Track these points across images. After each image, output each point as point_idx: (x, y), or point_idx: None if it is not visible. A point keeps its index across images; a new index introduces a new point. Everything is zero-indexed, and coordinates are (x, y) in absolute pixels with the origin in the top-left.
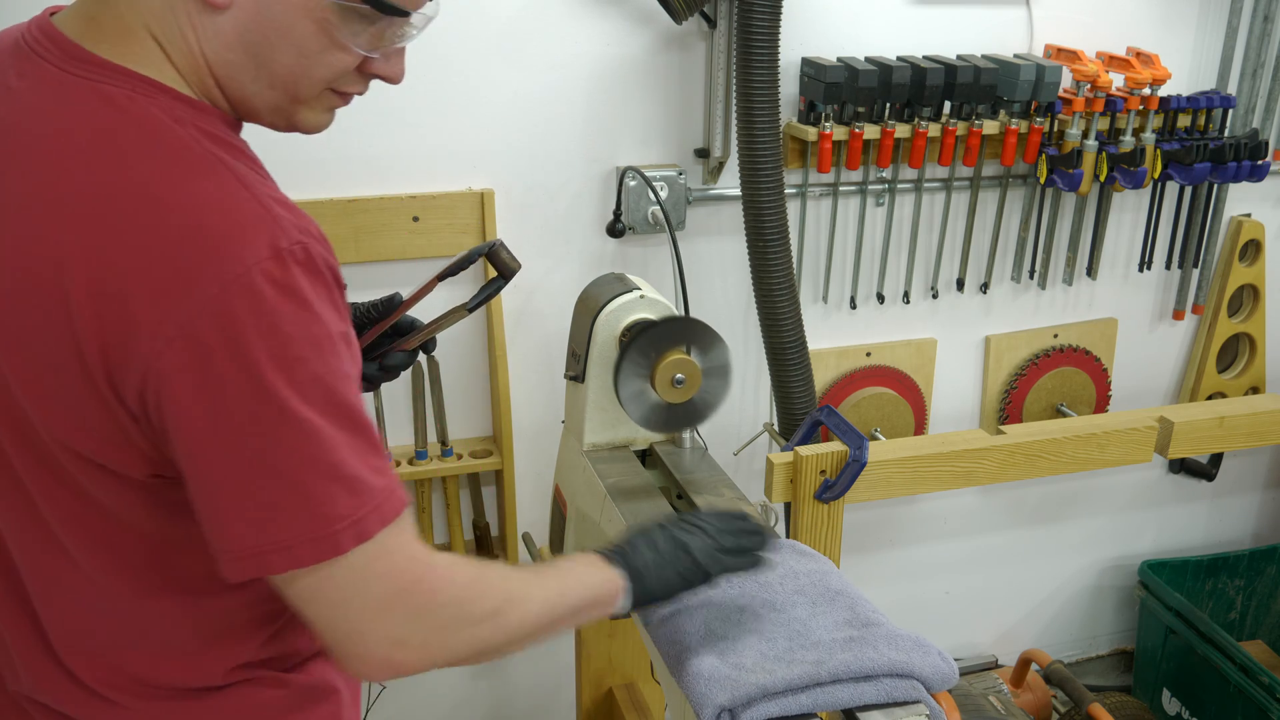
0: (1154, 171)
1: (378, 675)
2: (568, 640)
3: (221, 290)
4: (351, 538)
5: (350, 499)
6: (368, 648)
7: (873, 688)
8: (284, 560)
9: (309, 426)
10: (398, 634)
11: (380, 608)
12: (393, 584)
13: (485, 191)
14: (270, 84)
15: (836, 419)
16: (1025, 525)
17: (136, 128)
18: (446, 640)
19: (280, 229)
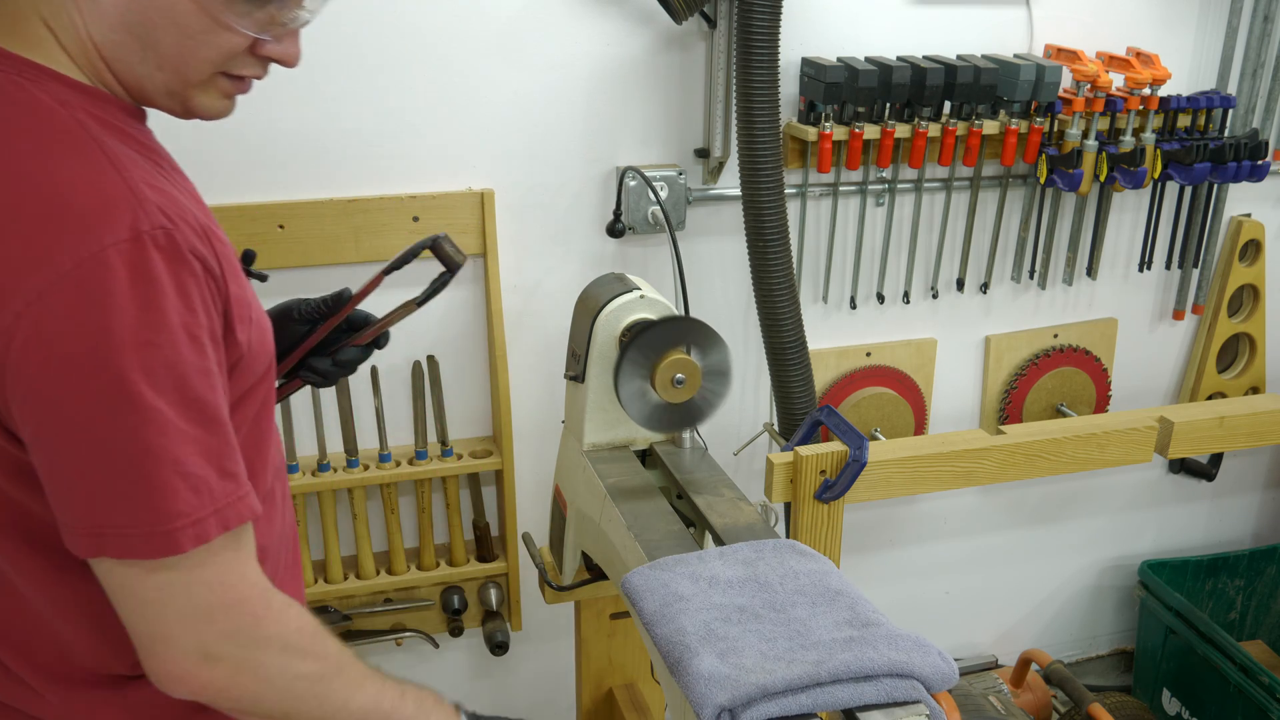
0: (1154, 171)
1: (181, 689)
2: (568, 640)
3: (75, 266)
4: (191, 538)
5: (192, 496)
6: (175, 656)
7: (873, 688)
8: (119, 546)
9: (154, 415)
10: (210, 647)
11: (197, 616)
12: (218, 596)
13: (485, 191)
14: (159, 65)
15: (836, 419)
16: (1025, 525)
17: (17, 110)
18: (262, 671)
19: (144, 212)
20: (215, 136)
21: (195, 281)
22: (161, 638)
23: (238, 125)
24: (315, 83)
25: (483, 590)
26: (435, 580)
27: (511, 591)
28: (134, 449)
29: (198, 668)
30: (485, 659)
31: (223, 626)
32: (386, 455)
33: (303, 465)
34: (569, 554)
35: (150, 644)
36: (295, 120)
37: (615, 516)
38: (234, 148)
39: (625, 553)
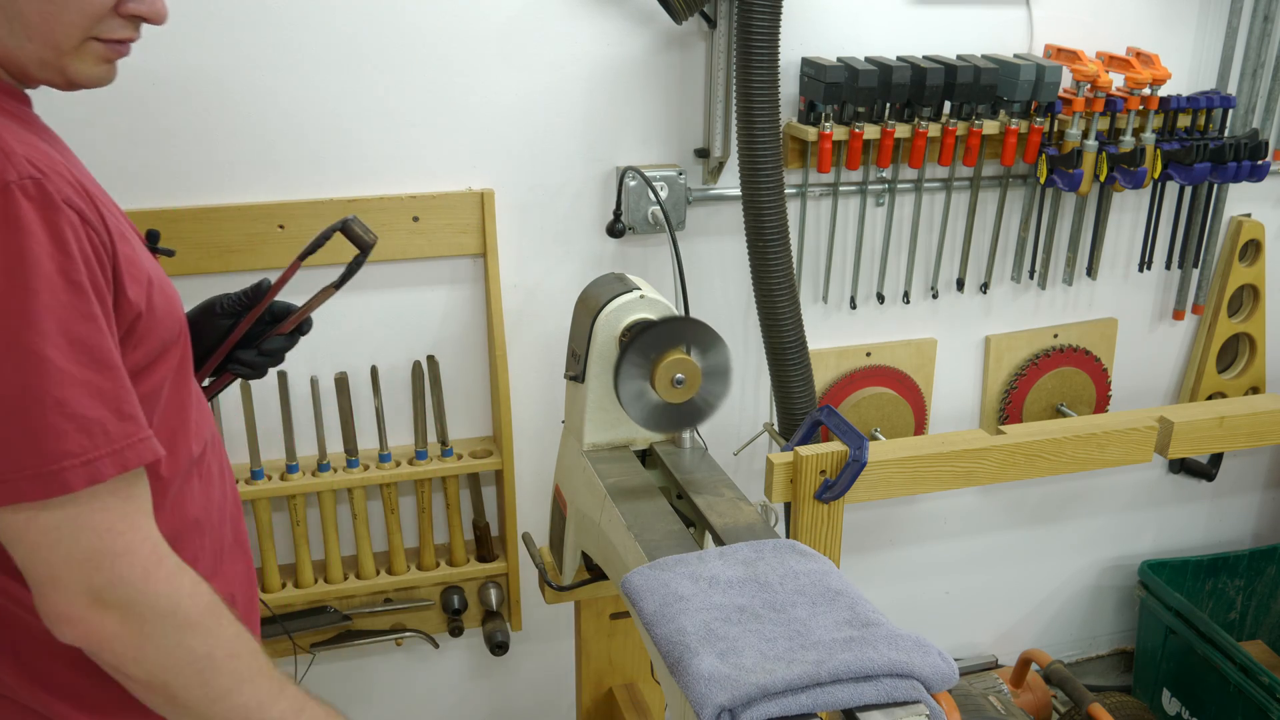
0: (1154, 171)
1: (70, 631)
2: (568, 640)
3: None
4: (83, 478)
5: (82, 438)
6: (64, 598)
7: (873, 688)
8: (5, 492)
9: (35, 359)
10: (98, 591)
11: (85, 560)
12: (106, 543)
13: (485, 191)
14: (28, 36)
15: (836, 419)
16: (1025, 525)
17: None
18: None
19: (11, 164)
20: (216, 136)
21: (72, 229)
22: (50, 580)
23: (238, 125)
24: (315, 83)
25: (483, 590)
26: (435, 580)
27: (511, 591)
28: (14, 394)
29: (87, 611)
30: (485, 659)
31: (109, 574)
32: (386, 455)
33: (303, 465)
34: (569, 554)
35: (40, 587)
36: (295, 120)
37: (615, 516)
38: (234, 148)
39: (625, 553)
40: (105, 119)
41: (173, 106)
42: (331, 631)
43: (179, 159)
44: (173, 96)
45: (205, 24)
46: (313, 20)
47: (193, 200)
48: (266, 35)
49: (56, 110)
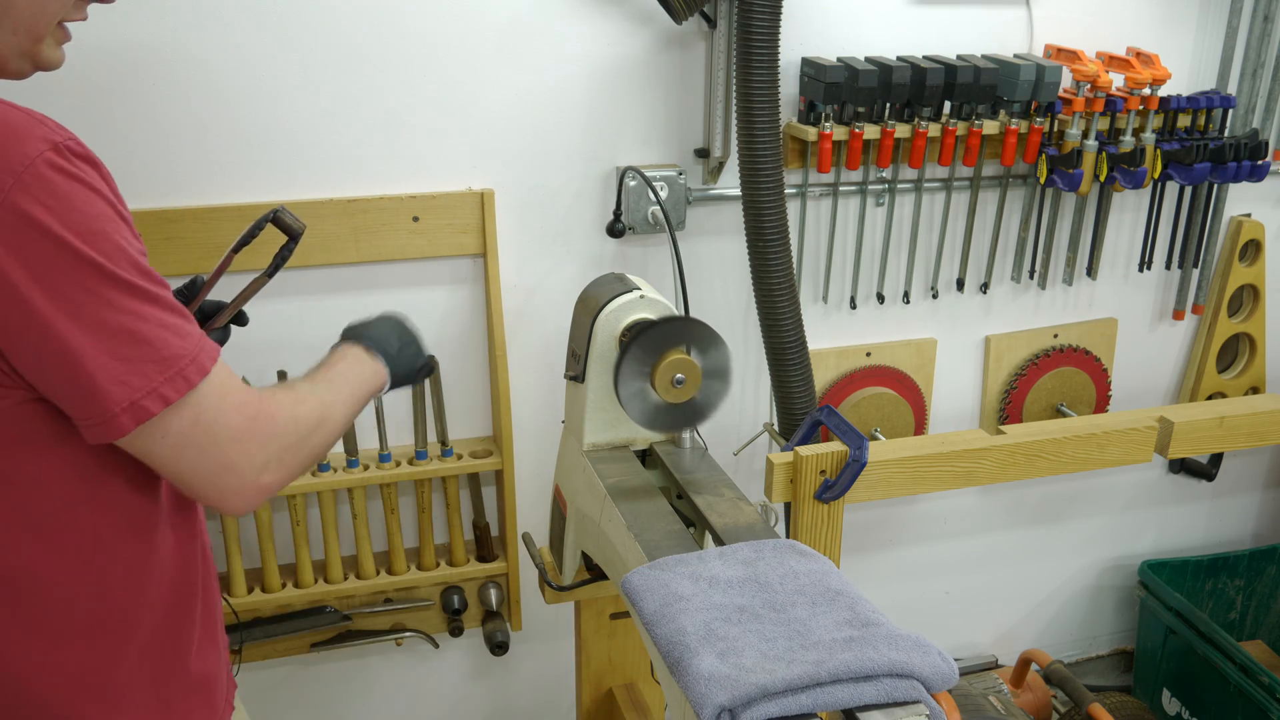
0: (1154, 171)
1: (253, 502)
2: (568, 640)
3: (16, 181)
4: (196, 371)
5: (180, 341)
6: (243, 477)
7: (873, 688)
8: (156, 401)
9: (127, 285)
10: (262, 458)
11: (241, 437)
12: (244, 414)
13: (485, 191)
14: (13, 30)
15: (836, 419)
16: (1025, 525)
17: None
18: (296, 455)
19: (49, 129)
20: (215, 136)
21: (106, 179)
22: (226, 468)
23: (238, 125)
24: (315, 83)
25: (483, 590)
26: (435, 580)
27: (511, 591)
28: (128, 318)
29: (260, 477)
30: (485, 659)
31: (260, 438)
32: (386, 455)
33: None
34: (569, 554)
35: (220, 477)
36: (295, 120)
37: (615, 516)
38: (235, 148)
39: (625, 553)
40: (105, 119)
41: (172, 106)
42: (331, 631)
43: (179, 159)
44: (172, 96)
45: (205, 24)
46: (313, 20)
47: (192, 200)
48: (267, 35)
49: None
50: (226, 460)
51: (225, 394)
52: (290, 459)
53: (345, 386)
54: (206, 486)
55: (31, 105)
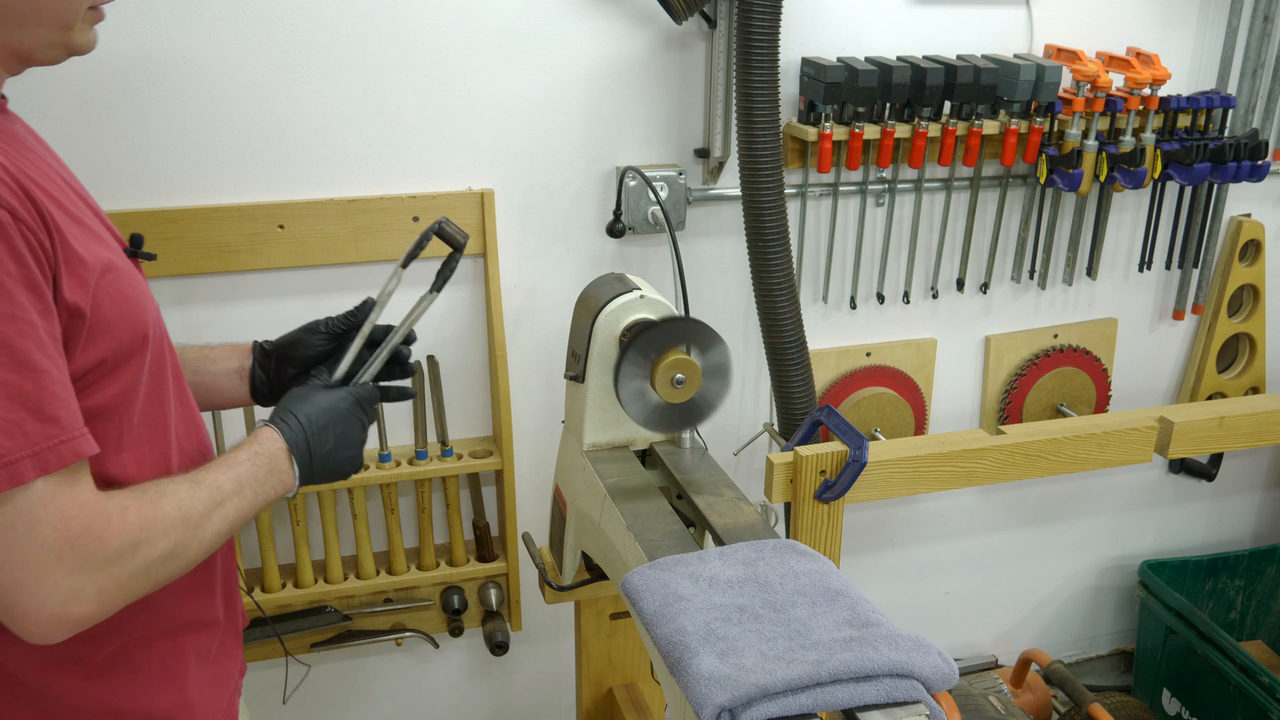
0: (1154, 171)
1: (52, 634)
2: (568, 640)
3: None
4: (3, 479)
5: (4, 439)
6: (40, 603)
7: (873, 688)
8: None
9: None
10: (70, 586)
11: (47, 556)
12: (59, 533)
13: (485, 191)
14: (39, 23)
15: (836, 419)
16: (1025, 525)
17: None
18: (125, 585)
19: None
20: (216, 136)
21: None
22: (16, 585)
23: (238, 125)
24: (316, 83)
25: (483, 590)
26: (435, 580)
27: (511, 591)
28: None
29: (64, 609)
30: (485, 659)
31: (74, 562)
32: (386, 455)
33: None
34: (569, 554)
35: (8, 595)
36: (295, 120)
37: (615, 516)
38: (234, 148)
39: (625, 553)
40: (105, 119)
41: (172, 107)
42: (331, 631)
43: (179, 159)
44: (173, 97)
45: (205, 24)
46: (313, 20)
47: (193, 200)
48: (267, 35)
49: (56, 115)
50: (17, 579)
51: (44, 504)
52: (116, 592)
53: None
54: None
55: (31, 105)
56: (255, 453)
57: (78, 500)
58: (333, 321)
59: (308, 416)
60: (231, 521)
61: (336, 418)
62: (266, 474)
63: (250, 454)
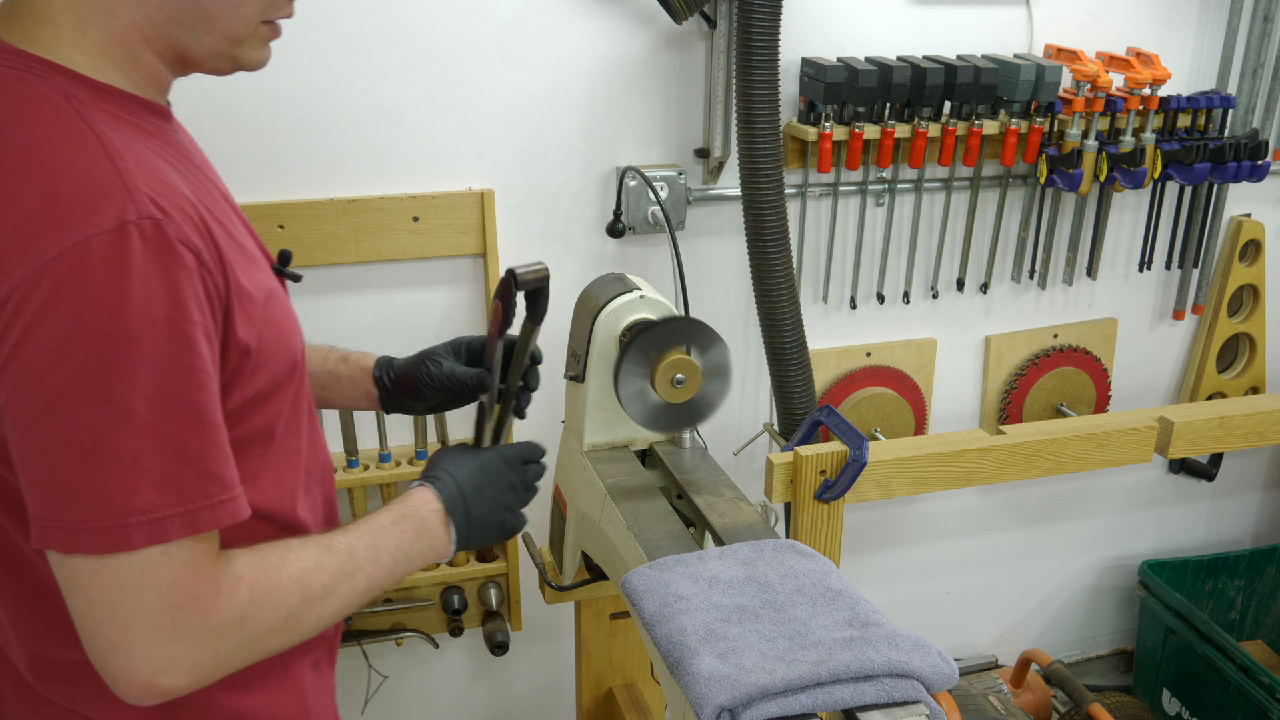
0: (1154, 171)
1: (139, 699)
2: (568, 640)
3: (57, 256)
4: (144, 535)
5: (155, 495)
6: (132, 669)
7: (873, 688)
8: (66, 540)
9: (120, 408)
10: (164, 656)
11: (147, 623)
12: (167, 599)
13: (485, 191)
14: (208, 31)
15: (836, 419)
16: (1025, 525)
17: (21, 105)
18: (224, 660)
19: (132, 202)
20: (216, 136)
21: (186, 274)
22: (111, 647)
23: (237, 125)
24: (315, 83)
25: (483, 590)
26: (435, 580)
27: (511, 591)
28: (94, 441)
29: (155, 679)
30: (485, 659)
31: (172, 632)
32: (386, 455)
33: None
34: (569, 554)
35: (102, 654)
36: (296, 120)
37: (615, 516)
38: (234, 148)
39: (625, 553)
40: None
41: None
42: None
43: None
44: (172, 96)
45: None
46: (313, 20)
47: None
48: None
49: None
50: (114, 640)
51: (155, 566)
52: (214, 666)
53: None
54: (91, 649)
55: None
56: (402, 516)
57: (192, 565)
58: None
59: (464, 476)
60: (362, 592)
61: (489, 478)
62: (413, 540)
63: (395, 518)
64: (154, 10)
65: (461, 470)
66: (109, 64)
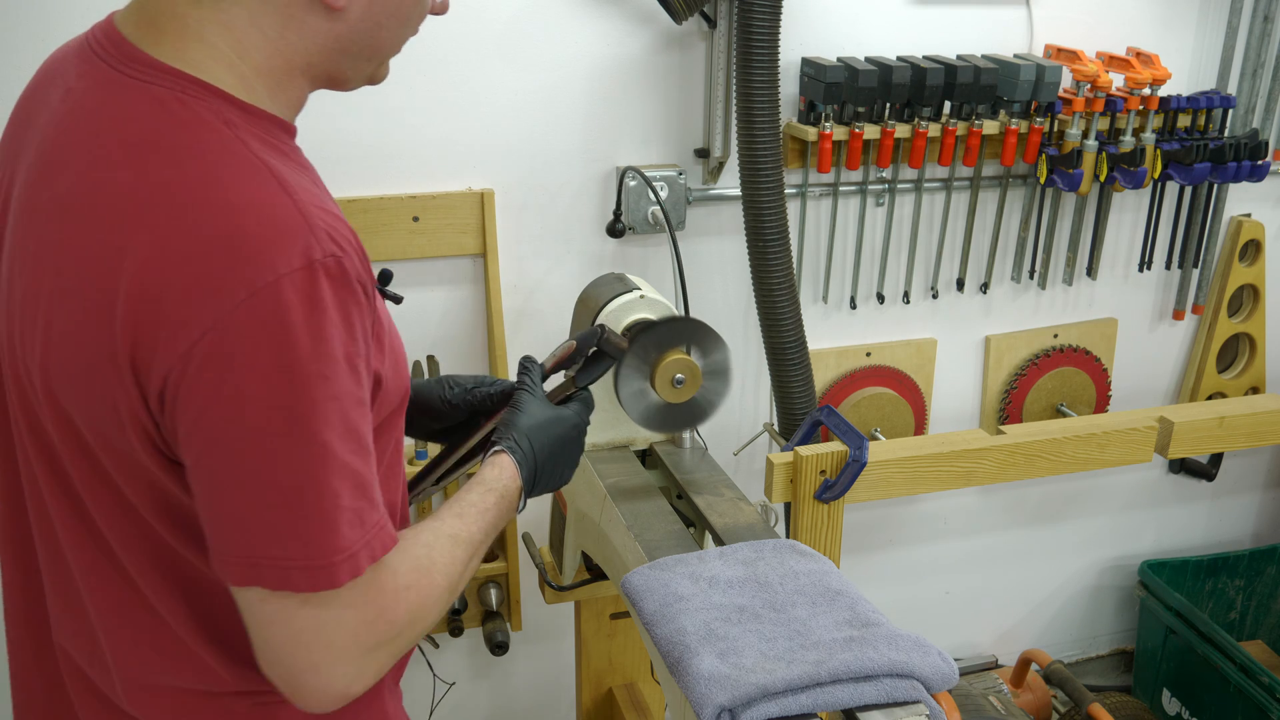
0: (1154, 171)
1: (328, 708)
2: (568, 640)
3: (249, 297)
4: (347, 571)
5: (352, 531)
6: (328, 685)
7: (873, 688)
8: (276, 578)
9: (320, 447)
10: (356, 669)
11: (348, 643)
12: (362, 615)
13: (485, 191)
14: (369, 58)
15: (836, 419)
16: (1025, 525)
17: (184, 130)
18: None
19: (315, 239)
20: None
21: (358, 310)
22: (310, 668)
23: None
24: None
25: (483, 590)
26: None
27: (511, 591)
28: (302, 482)
29: (348, 688)
30: (485, 659)
31: (366, 644)
32: None
33: None
34: (569, 554)
35: (300, 675)
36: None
37: (615, 516)
38: None
39: (625, 553)
40: None
41: None
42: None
43: None
44: None
45: None
46: None
47: None
48: None
49: None
50: (315, 661)
51: (354, 590)
52: (388, 665)
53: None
54: (280, 674)
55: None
56: (501, 496)
57: (377, 584)
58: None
59: (542, 447)
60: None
61: (562, 448)
62: (500, 518)
63: (498, 498)
64: (330, 40)
65: (540, 440)
66: (261, 87)
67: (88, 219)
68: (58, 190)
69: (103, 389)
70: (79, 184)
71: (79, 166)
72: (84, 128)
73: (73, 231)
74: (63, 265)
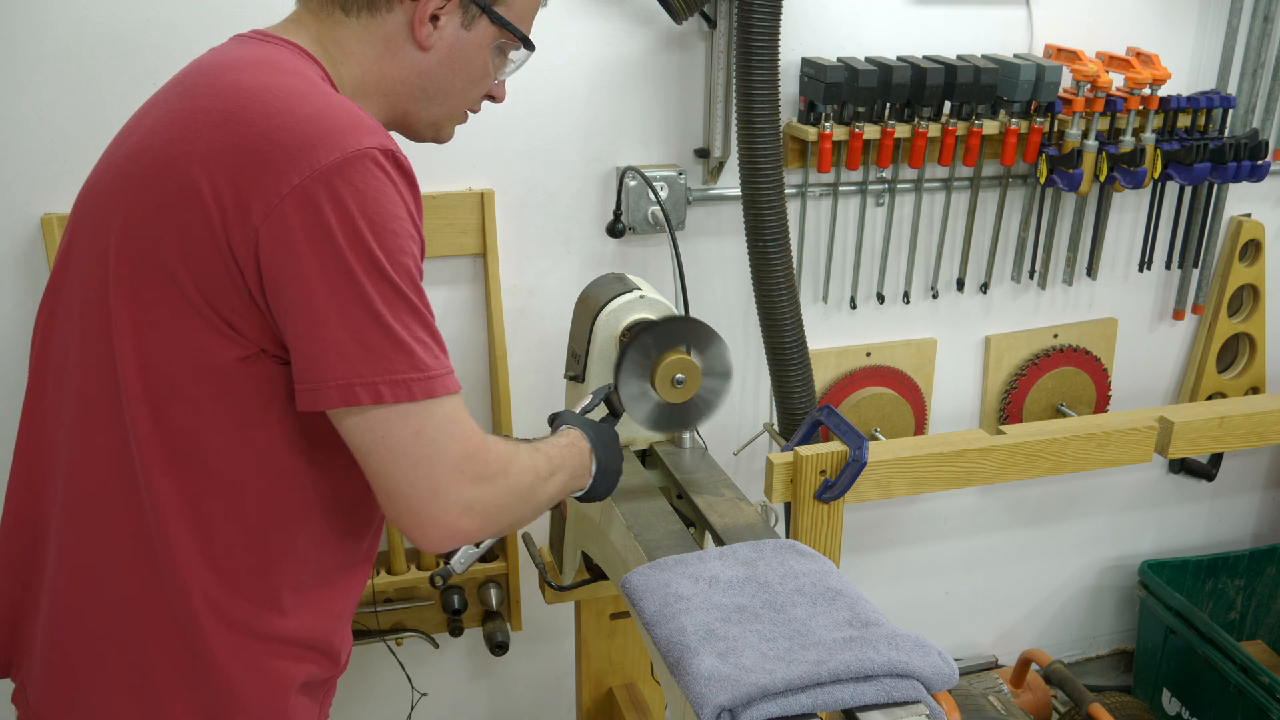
0: (1154, 171)
1: (445, 540)
2: (568, 640)
3: (341, 158)
4: (424, 389)
5: (429, 358)
6: (446, 510)
7: (873, 688)
8: (368, 393)
9: (397, 290)
10: (469, 498)
11: (456, 468)
12: (465, 446)
13: (485, 191)
14: (439, 101)
15: (836, 419)
16: (1025, 525)
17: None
18: (498, 513)
19: (386, 137)
20: None
21: (416, 199)
22: (431, 493)
23: None
24: None
25: (483, 590)
26: None
27: (511, 591)
28: (385, 311)
29: (459, 519)
30: (485, 659)
31: (472, 476)
32: None
33: None
34: (569, 554)
35: (422, 502)
36: None
37: (615, 516)
38: None
39: (625, 553)
40: (105, 118)
41: None
42: None
43: None
44: None
45: (205, 22)
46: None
47: None
48: None
49: (54, 113)
50: (437, 485)
51: (454, 422)
52: (492, 514)
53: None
54: (408, 508)
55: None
56: (572, 442)
57: (469, 421)
58: None
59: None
60: (557, 491)
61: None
62: (576, 468)
63: (571, 441)
64: (413, 74)
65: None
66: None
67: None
68: (186, 85)
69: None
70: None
71: (210, 73)
72: (217, 56)
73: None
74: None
